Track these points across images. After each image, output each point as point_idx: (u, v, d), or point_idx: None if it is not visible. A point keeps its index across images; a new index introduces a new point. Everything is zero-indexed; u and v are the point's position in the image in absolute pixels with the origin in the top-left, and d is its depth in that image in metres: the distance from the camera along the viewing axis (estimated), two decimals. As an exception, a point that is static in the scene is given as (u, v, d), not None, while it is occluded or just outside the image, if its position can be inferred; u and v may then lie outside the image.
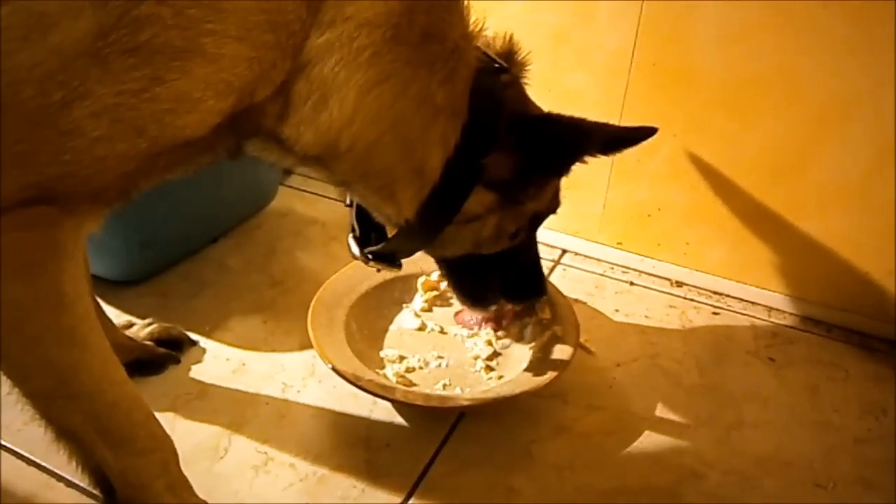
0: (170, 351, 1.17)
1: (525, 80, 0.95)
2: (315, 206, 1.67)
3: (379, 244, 1.03)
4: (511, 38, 0.93)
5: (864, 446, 1.09)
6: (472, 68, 0.85)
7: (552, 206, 1.05)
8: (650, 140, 1.35)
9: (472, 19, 0.85)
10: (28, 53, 0.58)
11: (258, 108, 0.73)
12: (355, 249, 1.05)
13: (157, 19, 0.60)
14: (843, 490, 1.02)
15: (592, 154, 0.92)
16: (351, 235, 1.07)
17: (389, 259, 1.05)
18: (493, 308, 1.19)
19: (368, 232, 1.06)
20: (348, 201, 1.06)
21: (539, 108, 0.96)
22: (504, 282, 1.10)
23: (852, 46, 1.16)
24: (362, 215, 1.03)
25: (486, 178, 0.91)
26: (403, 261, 1.08)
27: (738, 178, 1.33)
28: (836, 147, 1.24)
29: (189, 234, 1.44)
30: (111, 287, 1.30)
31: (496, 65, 0.90)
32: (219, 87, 0.66)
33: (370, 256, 1.04)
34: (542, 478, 1.01)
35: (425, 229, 0.94)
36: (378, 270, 1.17)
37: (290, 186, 1.73)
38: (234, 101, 0.69)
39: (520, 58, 0.94)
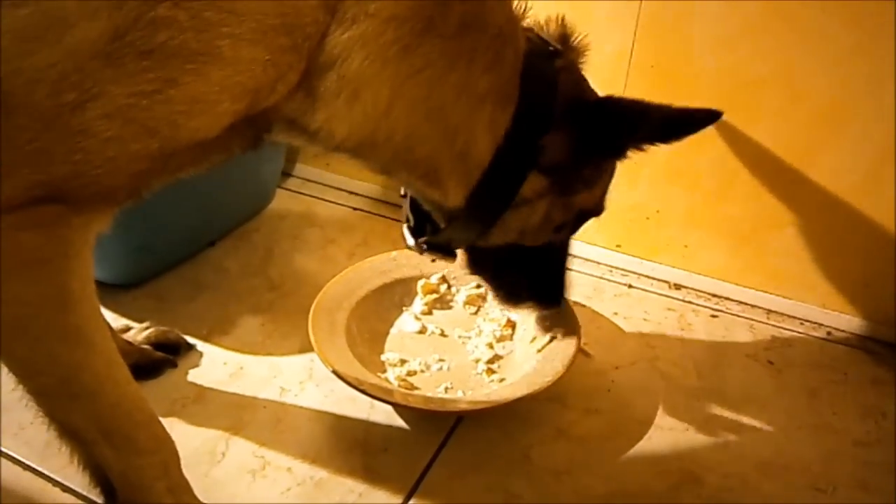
0: (167, 355, 1.17)
1: (582, 64, 0.94)
2: (313, 208, 1.66)
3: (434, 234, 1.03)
4: (563, 20, 0.93)
5: (864, 449, 1.09)
6: (521, 52, 0.85)
7: (599, 206, 1.04)
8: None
9: (514, 2, 0.85)
10: (44, 54, 0.59)
11: (274, 107, 0.73)
12: (410, 239, 1.05)
13: (172, 22, 0.61)
14: (843, 493, 1.02)
15: (652, 137, 0.90)
16: (405, 225, 1.06)
17: (445, 249, 1.04)
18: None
19: (423, 222, 1.05)
20: (402, 192, 1.06)
21: (596, 93, 0.95)
22: (532, 282, 1.09)
23: (852, 48, 1.16)
24: (416, 206, 1.03)
25: (541, 163, 0.90)
26: (403, 264, 1.08)
27: (736, 181, 1.33)
28: (835, 150, 1.23)
29: (187, 237, 1.43)
30: (108, 290, 1.30)
31: (550, 48, 0.90)
32: (234, 89, 0.67)
33: (425, 246, 1.04)
34: (541, 482, 1.01)
35: (480, 216, 0.94)
36: (433, 261, 1.16)
37: (288, 189, 1.73)
38: (248, 103, 0.69)
39: (576, 42, 0.94)
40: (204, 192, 1.38)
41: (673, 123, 0.90)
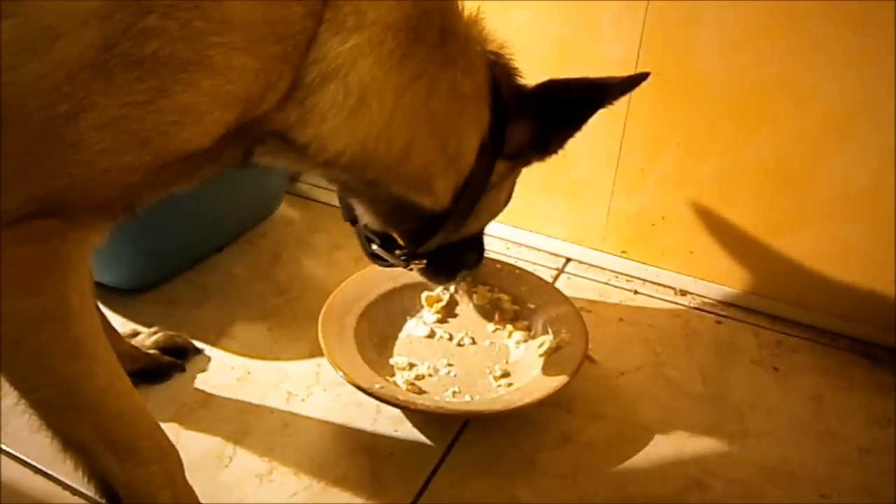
0: (175, 359, 1.18)
1: (508, 56, 0.96)
2: (320, 214, 1.67)
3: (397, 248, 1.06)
4: (476, 15, 0.93)
5: (869, 456, 1.09)
6: (482, 53, 0.89)
7: None
8: (654, 150, 1.34)
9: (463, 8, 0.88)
10: (34, 66, 0.58)
11: (264, 117, 0.73)
12: (388, 257, 1.07)
13: (162, 32, 0.60)
14: (847, 500, 1.02)
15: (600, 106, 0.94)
16: (373, 245, 1.08)
17: (432, 257, 1.07)
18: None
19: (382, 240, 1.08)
20: (346, 217, 1.08)
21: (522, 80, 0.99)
22: (463, 257, 1.14)
23: (857, 56, 1.16)
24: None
25: (506, 151, 0.95)
26: (411, 272, 1.12)
27: (741, 187, 1.34)
28: (840, 156, 1.24)
29: (195, 242, 1.44)
30: (117, 295, 1.31)
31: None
32: (225, 98, 0.66)
33: (404, 258, 1.06)
34: (546, 487, 1.01)
35: (461, 212, 0.97)
36: (410, 269, 1.15)
37: (295, 195, 1.73)
38: (239, 113, 0.69)
39: (490, 34, 0.94)
40: (212, 197, 1.39)
41: (615, 90, 0.94)
